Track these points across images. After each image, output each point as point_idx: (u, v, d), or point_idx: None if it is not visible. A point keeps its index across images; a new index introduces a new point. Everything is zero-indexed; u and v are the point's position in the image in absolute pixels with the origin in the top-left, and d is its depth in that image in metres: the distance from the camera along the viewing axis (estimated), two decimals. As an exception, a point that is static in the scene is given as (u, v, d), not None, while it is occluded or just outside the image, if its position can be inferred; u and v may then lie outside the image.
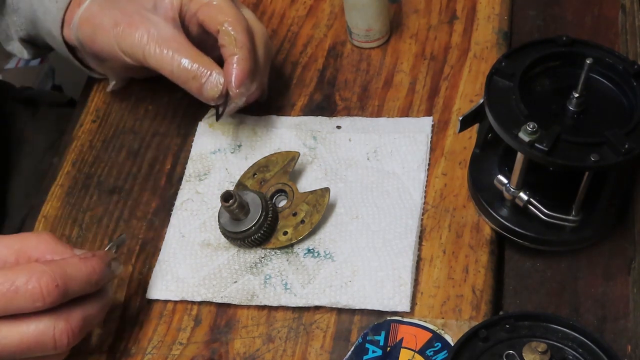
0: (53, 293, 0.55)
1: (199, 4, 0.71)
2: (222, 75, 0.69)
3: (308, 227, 0.68)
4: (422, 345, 0.61)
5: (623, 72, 0.62)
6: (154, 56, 0.69)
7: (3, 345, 0.55)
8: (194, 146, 0.77)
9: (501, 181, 0.64)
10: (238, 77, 0.69)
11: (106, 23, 0.71)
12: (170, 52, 0.69)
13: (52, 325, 0.56)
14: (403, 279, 0.65)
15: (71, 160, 0.79)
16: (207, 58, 0.70)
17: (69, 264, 0.58)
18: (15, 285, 0.55)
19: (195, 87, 0.69)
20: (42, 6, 0.76)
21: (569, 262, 0.66)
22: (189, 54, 0.69)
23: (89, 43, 0.74)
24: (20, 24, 0.80)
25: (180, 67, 0.69)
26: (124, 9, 0.71)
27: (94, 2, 0.73)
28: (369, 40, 0.81)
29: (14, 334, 0.56)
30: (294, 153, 0.72)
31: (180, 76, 0.69)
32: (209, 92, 0.69)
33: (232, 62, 0.69)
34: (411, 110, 0.77)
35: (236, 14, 0.70)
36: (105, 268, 0.60)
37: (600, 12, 0.81)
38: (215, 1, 0.71)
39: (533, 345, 0.53)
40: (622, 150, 0.57)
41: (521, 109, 0.60)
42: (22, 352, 0.56)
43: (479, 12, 0.82)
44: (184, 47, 0.69)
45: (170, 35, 0.70)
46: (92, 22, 0.72)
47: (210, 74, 0.69)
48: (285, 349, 0.64)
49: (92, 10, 0.73)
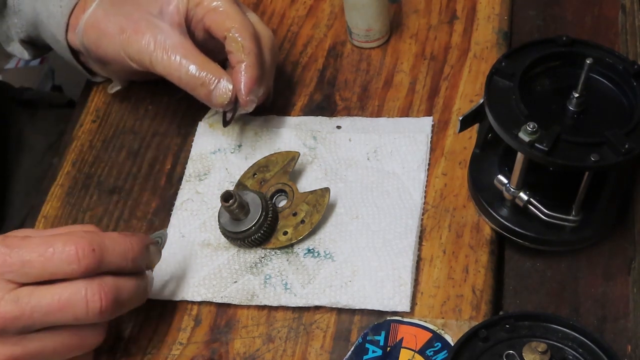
0: (89, 256, 0.56)
1: (206, 10, 0.71)
2: (231, 82, 0.69)
3: (308, 227, 0.68)
4: (422, 345, 0.61)
5: (623, 72, 0.62)
6: (162, 63, 0.69)
7: (38, 307, 0.56)
8: (194, 146, 0.77)
9: (501, 181, 0.64)
10: (247, 85, 0.69)
11: (111, 29, 0.71)
12: (178, 59, 0.69)
13: (85, 286, 0.57)
14: (403, 279, 0.65)
15: (71, 160, 0.79)
16: (214, 64, 0.70)
17: (108, 236, 0.59)
18: (53, 248, 0.56)
19: (204, 94, 0.69)
20: (45, 10, 0.76)
21: (569, 262, 0.66)
22: (196, 61, 0.69)
23: (94, 48, 0.74)
24: (21, 26, 0.80)
25: (189, 74, 0.69)
26: (130, 14, 0.71)
27: (99, 7, 0.73)
28: (369, 40, 0.81)
29: (48, 295, 0.56)
30: (294, 153, 0.72)
31: (189, 83, 0.69)
32: (217, 99, 0.69)
33: (240, 70, 0.69)
34: (411, 110, 0.77)
35: (242, 20, 0.70)
36: (143, 248, 0.61)
37: (600, 12, 0.81)
38: (221, 7, 0.71)
39: (533, 345, 0.53)
40: (622, 150, 0.57)
41: (521, 109, 0.60)
42: (55, 313, 0.56)
43: (479, 12, 0.82)
44: (191, 53, 0.69)
45: (178, 42, 0.69)
46: (97, 28, 0.72)
47: (219, 81, 0.69)
48: (285, 349, 0.64)
49: (97, 16, 0.73)
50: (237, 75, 0.70)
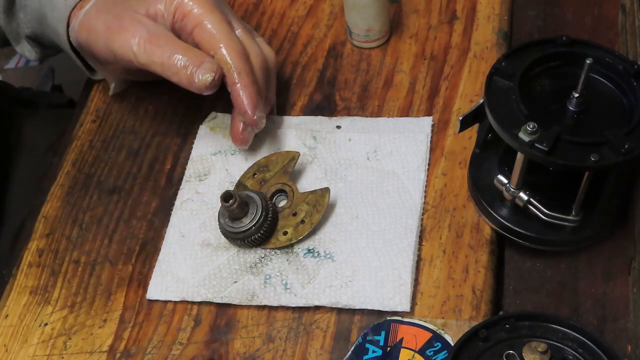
0: None
1: (193, 24, 0.70)
2: (215, 64, 0.68)
3: (308, 227, 0.68)
4: (422, 345, 0.61)
5: (623, 72, 0.62)
6: (144, 52, 0.68)
7: None
8: (194, 148, 0.77)
9: (501, 181, 0.64)
10: (250, 105, 0.70)
11: (99, 27, 0.71)
12: (160, 46, 0.68)
13: None
14: (403, 279, 0.65)
15: (71, 160, 0.79)
16: (197, 50, 0.69)
17: None
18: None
19: (185, 78, 0.68)
20: (50, 3, 0.76)
21: (569, 262, 0.66)
22: (178, 46, 0.68)
23: (86, 46, 0.74)
24: (27, 21, 0.80)
25: (170, 59, 0.68)
26: (117, 12, 0.71)
27: (94, 6, 0.73)
28: (369, 40, 0.81)
29: None
30: (294, 153, 0.72)
31: (171, 68, 0.68)
32: (201, 81, 0.67)
33: (238, 92, 0.69)
34: (411, 110, 0.77)
35: (229, 39, 0.70)
36: None
37: (600, 12, 0.81)
38: (208, 23, 0.70)
39: (533, 345, 0.53)
40: (622, 150, 0.57)
41: (521, 109, 0.60)
42: None
43: (479, 12, 0.82)
44: (174, 41, 0.69)
45: (160, 32, 0.69)
46: (87, 26, 0.72)
47: (202, 63, 0.67)
48: (285, 349, 0.64)
49: (90, 14, 0.73)
50: (237, 99, 0.70)
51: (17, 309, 0.70)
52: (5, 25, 0.81)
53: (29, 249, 0.73)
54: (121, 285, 0.70)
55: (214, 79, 0.67)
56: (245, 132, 0.72)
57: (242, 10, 0.88)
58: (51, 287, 0.70)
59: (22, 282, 0.71)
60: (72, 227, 0.74)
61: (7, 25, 0.81)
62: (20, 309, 0.70)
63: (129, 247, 0.72)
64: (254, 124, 0.71)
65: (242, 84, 0.69)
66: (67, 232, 0.74)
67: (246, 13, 0.87)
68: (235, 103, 0.70)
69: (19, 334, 0.68)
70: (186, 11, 0.70)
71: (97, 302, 0.69)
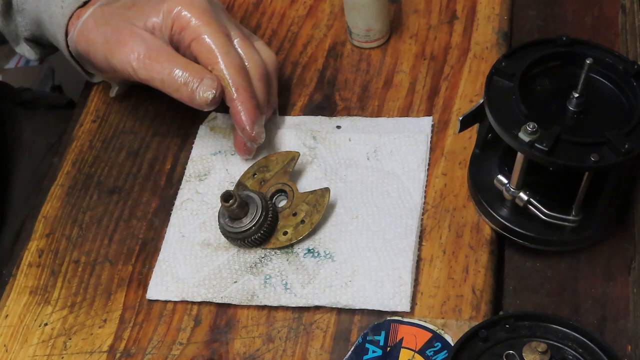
0: None
1: (191, 37, 0.70)
2: (215, 80, 0.68)
3: (308, 227, 0.68)
4: (422, 345, 0.61)
5: (623, 72, 0.62)
6: (144, 68, 0.68)
7: None
8: (194, 148, 0.77)
9: (501, 181, 0.64)
10: (249, 122, 0.70)
11: (97, 39, 0.71)
12: (159, 62, 0.68)
13: None
14: (403, 279, 0.65)
15: (71, 160, 0.79)
16: (198, 66, 0.69)
17: None
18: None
19: (186, 94, 0.68)
20: (48, 9, 0.75)
21: (569, 262, 0.66)
22: (179, 62, 0.68)
23: (86, 57, 0.74)
24: (25, 24, 0.80)
25: (171, 76, 0.67)
26: (115, 25, 0.70)
27: (91, 16, 0.72)
28: (369, 40, 0.81)
29: None
30: (294, 153, 0.72)
31: (172, 84, 0.68)
32: (201, 97, 0.67)
33: (237, 108, 0.69)
34: (411, 110, 0.77)
35: (226, 52, 0.69)
36: None
37: (600, 12, 0.81)
38: (206, 37, 0.69)
39: (533, 345, 0.53)
40: (622, 150, 0.57)
41: (521, 109, 0.60)
42: None
43: (479, 12, 0.82)
44: (173, 56, 0.69)
45: (160, 47, 0.69)
46: (86, 37, 0.72)
47: (202, 80, 0.67)
48: (285, 349, 0.64)
49: (88, 25, 0.72)
50: (236, 116, 0.70)
51: (17, 309, 0.70)
52: (3, 28, 0.81)
53: (29, 249, 0.73)
54: (121, 285, 0.70)
55: (214, 97, 0.67)
56: (247, 144, 0.73)
57: (242, 10, 0.88)
58: (51, 287, 0.70)
59: (22, 282, 0.71)
60: (72, 227, 0.74)
61: (5, 28, 0.81)
62: (20, 309, 0.70)
63: (129, 247, 0.72)
64: (253, 140, 0.71)
65: (240, 100, 0.69)
66: (67, 232, 0.74)
67: (246, 13, 0.87)
68: (234, 119, 0.70)
69: (19, 334, 0.68)
70: (184, 24, 0.70)
71: (97, 302, 0.69)
